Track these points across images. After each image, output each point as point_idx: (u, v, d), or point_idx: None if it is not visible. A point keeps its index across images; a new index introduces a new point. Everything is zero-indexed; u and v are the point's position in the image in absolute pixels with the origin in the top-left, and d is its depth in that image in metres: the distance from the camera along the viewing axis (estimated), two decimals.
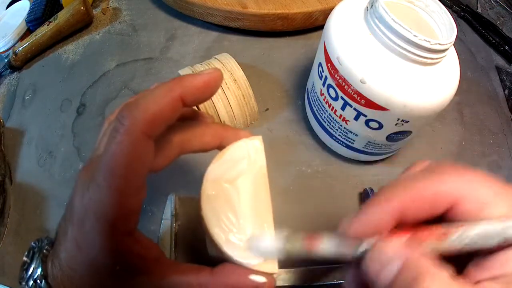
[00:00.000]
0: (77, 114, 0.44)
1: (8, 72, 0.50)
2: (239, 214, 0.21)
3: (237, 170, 0.22)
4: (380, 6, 0.27)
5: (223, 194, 0.21)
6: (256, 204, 0.22)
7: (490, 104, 0.46)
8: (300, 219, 0.37)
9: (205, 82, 0.21)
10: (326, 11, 0.45)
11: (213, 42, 0.49)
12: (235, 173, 0.22)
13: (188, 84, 0.20)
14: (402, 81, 0.28)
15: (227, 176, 0.22)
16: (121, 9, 0.54)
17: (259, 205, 0.22)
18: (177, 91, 0.19)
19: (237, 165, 0.22)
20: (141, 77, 0.46)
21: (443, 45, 0.26)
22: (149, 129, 0.18)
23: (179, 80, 0.20)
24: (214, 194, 0.21)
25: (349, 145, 0.36)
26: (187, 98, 0.20)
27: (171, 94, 0.19)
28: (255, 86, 0.39)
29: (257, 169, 0.23)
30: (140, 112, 0.18)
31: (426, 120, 0.31)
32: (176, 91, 0.19)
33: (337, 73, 0.30)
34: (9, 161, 0.42)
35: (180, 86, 0.20)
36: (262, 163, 0.23)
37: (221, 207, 0.21)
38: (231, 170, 0.22)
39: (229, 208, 0.21)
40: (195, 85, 0.20)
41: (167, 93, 0.19)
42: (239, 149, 0.23)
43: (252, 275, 0.19)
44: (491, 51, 0.51)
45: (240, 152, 0.23)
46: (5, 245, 0.37)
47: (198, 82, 0.20)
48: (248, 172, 0.22)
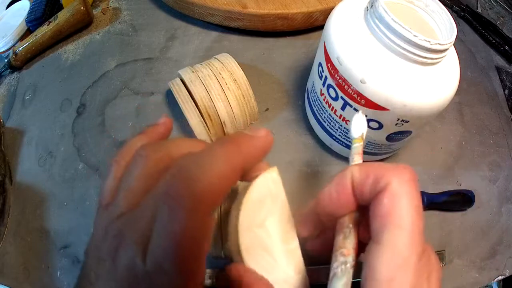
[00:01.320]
0: (77, 114, 0.44)
1: (8, 72, 0.50)
2: (275, 256, 0.21)
3: (264, 211, 0.22)
4: (380, 6, 0.27)
5: (258, 241, 0.21)
6: (287, 241, 0.22)
7: (490, 104, 0.46)
8: None
9: (263, 149, 0.19)
10: (326, 11, 0.45)
11: (213, 42, 0.49)
12: (263, 214, 0.22)
13: (248, 151, 0.18)
14: (402, 81, 0.28)
15: (257, 221, 0.21)
16: (121, 9, 0.54)
17: (289, 242, 0.22)
18: (238, 161, 0.17)
19: (263, 205, 0.22)
20: (141, 77, 0.46)
21: (443, 45, 0.26)
22: (212, 206, 0.16)
23: (238, 147, 0.18)
24: (251, 244, 0.21)
25: (349, 145, 0.36)
26: (247, 167, 0.18)
27: (233, 166, 0.17)
28: (255, 86, 0.39)
29: (280, 205, 0.22)
30: (202, 191, 0.16)
31: (426, 120, 0.31)
32: (238, 161, 0.17)
33: (337, 73, 0.30)
34: (9, 161, 0.42)
35: (241, 155, 0.17)
36: (283, 197, 0.23)
37: (260, 255, 0.21)
38: (259, 212, 0.21)
39: (267, 253, 0.21)
40: (254, 154, 0.18)
41: (228, 164, 0.17)
42: (261, 186, 0.22)
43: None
44: (491, 51, 0.51)
45: (263, 190, 0.22)
46: (5, 245, 0.37)
47: (258, 149, 0.18)
48: (273, 211, 0.22)
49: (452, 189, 0.39)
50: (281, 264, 0.21)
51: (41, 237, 0.37)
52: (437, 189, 0.38)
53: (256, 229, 0.21)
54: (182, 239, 0.16)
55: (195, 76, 0.36)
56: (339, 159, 0.40)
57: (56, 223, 0.38)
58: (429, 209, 0.37)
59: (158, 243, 0.16)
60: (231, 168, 0.17)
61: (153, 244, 0.16)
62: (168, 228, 0.16)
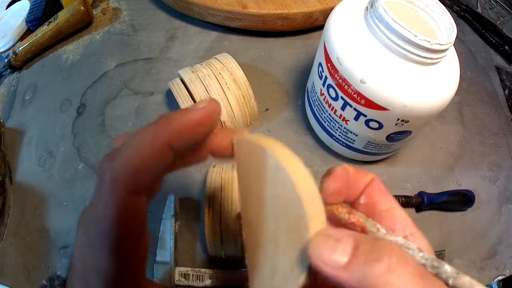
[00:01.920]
0: (77, 114, 0.44)
1: (8, 72, 0.50)
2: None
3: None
4: (380, 6, 0.27)
5: None
6: None
7: (490, 104, 0.46)
8: None
9: (197, 120, 0.17)
10: (326, 11, 0.45)
11: (213, 42, 0.49)
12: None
13: (176, 126, 0.16)
14: (402, 81, 0.28)
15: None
16: (121, 9, 0.53)
17: None
18: (163, 137, 0.16)
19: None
20: (141, 77, 0.46)
21: (443, 45, 0.26)
22: (134, 184, 0.16)
23: (166, 122, 0.17)
24: None
25: (349, 145, 0.36)
26: (177, 143, 0.16)
27: (156, 142, 0.16)
28: (255, 86, 0.39)
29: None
30: (121, 166, 0.15)
31: (426, 120, 0.31)
32: (161, 138, 0.16)
33: (337, 73, 0.30)
34: (9, 161, 0.42)
35: (167, 130, 0.16)
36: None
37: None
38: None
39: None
40: (185, 127, 0.17)
41: (151, 140, 0.16)
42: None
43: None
44: (491, 51, 0.51)
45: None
46: (5, 245, 0.37)
47: (189, 122, 0.17)
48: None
49: (452, 189, 0.39)
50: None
51: (41, 237, 0.37)
52: (437, 189, 0.38)
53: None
54: (104, 214, 0.16)
55: (195, 76, 0.36)
56: (339, 159, 0.40)
57: (56, 223, 0.38)
58: (429, 209, 0.37)
59: (90, 219, 0.16)
60: (154, 143, 0.16)
61: (89, 222, 0.17)
62: (95, 202, 0.16)
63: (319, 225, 0.14)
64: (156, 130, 0.16)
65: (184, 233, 0.36)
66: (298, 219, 0.14)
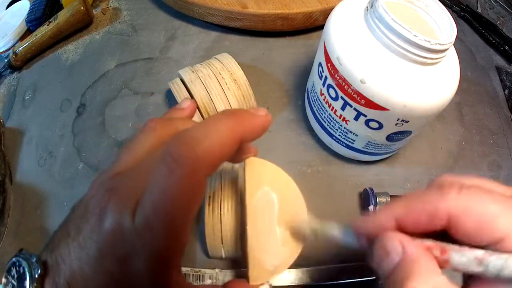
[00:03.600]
0: (77, 114, 0.44)
1: (8, 72, 0.50)
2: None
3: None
4: (380, 6, 0.27)
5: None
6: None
7: (490, 104, 0.46)
8: None
9: (262, 125, 0.20)
10: (326, 11, 0.45)
11: (213, 42, 0.49)
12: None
13: (249, 125, 0.19)
14: (402, 81, 0.28)
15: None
16: (121, 9, 0.54)
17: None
18: (239, 131, 0.18)
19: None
20: (141, 77, 0.46)
21: (443, 45, 0.26)
22: (210, 171, 0.17)
23: (240, 119, 0.19)
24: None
25: (349, 145, 0.36)
26: (245, 139, 0.19)
27: (233, 135, 0.18)
28: (255, 86, 0.39)
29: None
30: (203, 153, 0.16)
31: (426, 120, 0.31)
32: (238, 132, 0.18)
33: (337, 73, 0.30)
34: (9, 161, 0.42)
35: (242, 126, 0.18)
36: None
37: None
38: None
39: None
40: (254, 128, 0.19)
41: (230, 132, 0.18)
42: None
43: (261, 287, 0.21)
44: (491, 51, 0.51)
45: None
46: (5, 245, 0.37)
47: (257, 124, 0.19)
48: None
49: None
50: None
51: (41, 237, 0.37)
52: None
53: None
54: (175, 196, 0.16)
55: (195, 76, 0.36)
56: (339, 159, 0.40)
57: (56, 223, 0.37)
58: None
59: (150, 199, 0.16)
60: (232, 136, 0.18)
61: (145, 200, 0.16)
62: (163, 184, 0.16)
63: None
64: (233, 125, 0.18)
65: None
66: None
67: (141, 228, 0.16)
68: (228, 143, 0.18)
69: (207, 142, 0.17)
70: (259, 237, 0.22)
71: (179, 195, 0.16)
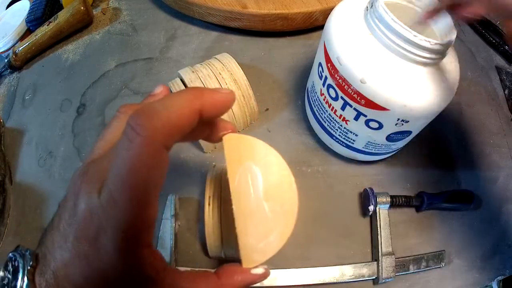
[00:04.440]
0: (77, 114, 0.44)
1: (8, 72, 0.50)
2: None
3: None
4: (380, 6, 0.27)
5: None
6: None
7: (490, 104, 0.46)
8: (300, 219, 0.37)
9: (224, 101, 0.20)
10: (326, 11, 0.45)
11: (213, 42, 0.49)
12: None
13: (209, 99, 0.19)
14: (402, 81, 0.28)
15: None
16: (121, 9, 0.54)
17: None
18: (197, 104, 0.19)
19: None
20: (141, 77, 0.46)
21: (443, 45, 0.26)
22: (168, 140, 0.17)
23: (200, 93, 0.19)
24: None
25: (349, 145, 0.36)
26: (204, 113, 0.19)
27: (192, 107, 0.18)
28: (255, 86, 0.39)
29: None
30: (160, 121, 0.17)
31: (426, 120, 0.31)
32: (196, 104, 0.19)
33: (337, 73, 0.30)
34: (9, 161, 0.42)
35: (201, 100, 0.19)
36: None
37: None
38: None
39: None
40: (214, 102, 0.20)
41: (188, 104, 0.18)
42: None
43: (254, 270, 0.21)
44: (491, 51, 0.51)
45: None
46: (5, 245, 0.37)
47: (218, 99, 0.20)
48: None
49: (452, 189, 0.39)
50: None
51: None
52: (437, 189, 0.38)
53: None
54: (135, 165, 0.16)
55: (195, 76, 0.36)
56: (339, 159, 0.40)
57: None
58: (429, 209, 0.37)
59: (113, 172, 0.17)
60: (189, 107, 0.18)
61: (108, 176, 0.17)
62: (124, 155, 0.16)
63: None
64: (191, 97, 0.19)
65: (184, 233, 0.36)
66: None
67: (106, 204, 0.16)
68: (185, 113, 0.18)
69: (164, 112, 0.17)
70: (246, 217, 0.21)
71: (139, 164, 0.16)
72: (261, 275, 0.21)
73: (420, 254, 0.36)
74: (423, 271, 0.35)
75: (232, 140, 0.23)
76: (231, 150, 0.23)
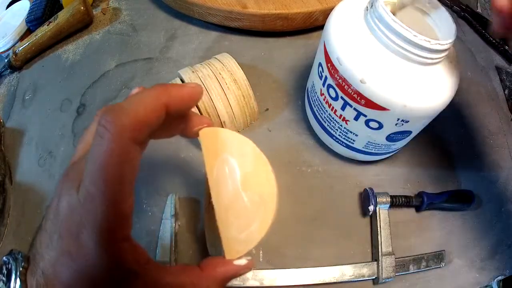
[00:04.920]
0: (77, 114, 0.44)
1: (8, 72, 0.50)
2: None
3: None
4: (380, 6, 0.27)
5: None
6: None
7: (490, 104, 0.46)
8: (300, 219, 0.37)
9: (190, 94, 0.21)
10: (326, 11, 0.45)
11: (213, 42, 0.49)
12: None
13: (174, 94, 0.20)
14: (402, 81, 0.28)
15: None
16: (121, 9, 0.54)
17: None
18: (163, 99, 0.19)
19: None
20: (141, 77, 0.46)
21: (443, 45, 0.26)
22: (136, 135, 0.18)
23: (166, 88, 0.20)
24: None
25: (349, 145, 0.36)
26: (171, 107, 0.20)
27: (157, 102, 0.19)
28: (255, 86, 0.39)
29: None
30: (127, 117, 0.18)
31: (426, 120, 0.31)
32: (162, 99, 0.19)
33: (337, 73, 0.30)
34: (9, 161, 0.42)
35: (167, 94, 0.20)
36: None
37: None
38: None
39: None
40: (180, 95, 0.20)
41: (153, 100, 0.19)
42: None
43: (236, 261, 0.21)
44: (491, 51, 0.51)
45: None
46: (5, 245, 0.37)
47: (184, 93, 0.21)
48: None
49: (452, 189, 0.39)
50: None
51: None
52: (437, 189, 0.38)
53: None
54: (106, 160, 0.17)
55: (195, 76, 0.36)
56: (339, 159, 0.40)
57: None
58: (429, 209, 0.37)
59: (87, 169, 0.17)
60: (155, 103, 0.19)
61: (84, 173, 0.17)
62: (96, 151, 0.17)
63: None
64: (157, 93, 0.19)
65: (184, 233, 0.36)
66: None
67: (83, 200, 0.17)
68: (152, 108, 0.19)
69: (131, 107, 0.18)
70: (226, 208, 0.22)
71: (110, 159, 0.17)
72: (244, 266, 0.21)
73: (420, 254, 0.36)
74: (423, 271, 0.35)
75: (208, 134, 0.23)
76: (208, 144, 0.23)
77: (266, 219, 0.22)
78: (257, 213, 0.22)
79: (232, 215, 0.22)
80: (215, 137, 0.23)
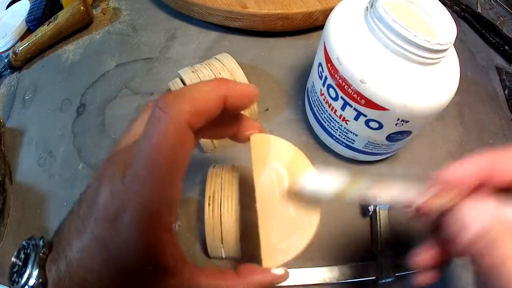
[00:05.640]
0: (77, 114, 0.44)
1: (8, 72, 0.50)
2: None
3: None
4: (380, 6, 0.27)
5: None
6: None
7: (490, 104, 0.46)
8: None
9: (248, 92, 0.21)
10: (326, 11, 0.45)
11: (213, 42, 0.49)
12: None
13: (233, 88, 0.20)
14: (402, 81, 0.28)
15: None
16: (121, 9, 0.54)
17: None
18: (222, 90, 0.19)
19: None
20: (141, 77, 0.46)
21: (443, 45, 0.26)
22: (193, 121, 0.17)
23: (225, 82, 0.20)
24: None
25: (349, 145, 0.36)
26: (229, 101, 0.19)
27: (216, 92, 0.19)
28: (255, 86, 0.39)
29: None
30: (186, 102, 0.17)
31: (426, 120, 0.31)
32: (222, 90, 0.19)
33: (337, 73, 0.30)
34: (9, 161, 0.42)
35: (226, 87, 0.19)
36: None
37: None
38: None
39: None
40: (239, 91, 0.20)
41: (213, 89, 0.19)
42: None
43: (274, 270, 0.21)
44: (491, 51, 0.51)
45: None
46: (5, 245, 0.37)
47: (243, 89, 0.20)
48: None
49: None
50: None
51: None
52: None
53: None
54: (161, 142, 0.16)
55: (195, 76, 0.36)
56: (339, 159, 0.40)
57: (56, 223, 0.37)
58: None
59: (139, 151, 0.17)
60: (214, 92, 0.19)
61: (135, 155, 0.17)
62: (150, 132, 0.17)
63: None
64: (217, 84, 0.19)
65: (184, 233, 0.36)
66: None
67: (129, 183, 0.16)
68: (211, 97, 0.18)
69: (190, 94, 0.18)
70: (269, 216, 0.21)
71: (165, 141, 0.16)
72: (281, 276, 0.21)
73: None
74: None
75: (259, 140, 0.23)
76: (258, 149, 0.23)
77: (308, 232, 0.22)
78: (300, 225, 0.22)
79: (275, 223, 0.21)
80: (266, 144, 0.23)
